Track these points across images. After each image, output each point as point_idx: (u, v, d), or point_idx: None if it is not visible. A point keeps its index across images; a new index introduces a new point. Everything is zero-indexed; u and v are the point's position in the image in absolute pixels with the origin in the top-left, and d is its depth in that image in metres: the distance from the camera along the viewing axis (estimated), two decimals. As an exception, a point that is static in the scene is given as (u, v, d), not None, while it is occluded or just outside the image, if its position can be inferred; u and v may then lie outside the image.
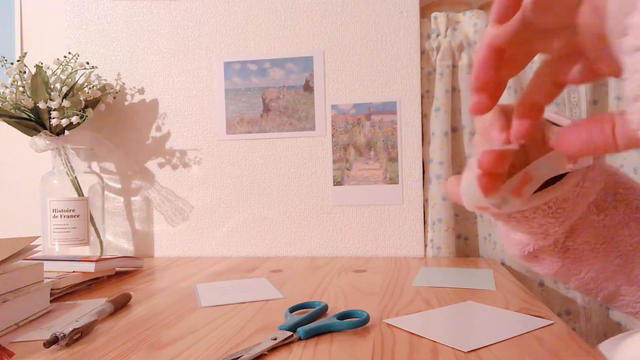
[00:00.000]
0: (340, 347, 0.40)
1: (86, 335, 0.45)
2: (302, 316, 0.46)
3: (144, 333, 0.46)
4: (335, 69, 0.92)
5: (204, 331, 0.46)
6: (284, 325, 0.43)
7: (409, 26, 0.90)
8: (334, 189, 0.92)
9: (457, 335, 0.42)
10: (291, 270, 0.76)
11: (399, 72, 0.90)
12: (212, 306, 0.55)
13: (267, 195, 0.94)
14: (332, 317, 0.46)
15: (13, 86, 0.83)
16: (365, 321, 0.45)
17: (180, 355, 0.39)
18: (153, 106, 0.98)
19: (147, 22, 0.98)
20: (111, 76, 0.98)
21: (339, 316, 0.46)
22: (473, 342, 0.40)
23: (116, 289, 0.66)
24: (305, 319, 0.45)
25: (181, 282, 0.70)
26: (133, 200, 0.98)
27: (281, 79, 0.93)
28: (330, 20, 0.92)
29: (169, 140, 0.97)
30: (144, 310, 0.54)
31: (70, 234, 0.84)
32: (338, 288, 0.62)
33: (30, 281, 0.51)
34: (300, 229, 0.93)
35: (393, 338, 0.42)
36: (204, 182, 0.96)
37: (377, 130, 0.91)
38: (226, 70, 0.95)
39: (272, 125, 0.94)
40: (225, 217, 0.95)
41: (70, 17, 1.00)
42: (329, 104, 0.92)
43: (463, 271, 0.72)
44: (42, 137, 0.85)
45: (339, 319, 0.45)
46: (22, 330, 0.47)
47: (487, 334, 0.43)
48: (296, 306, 0.50)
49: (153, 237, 0.98)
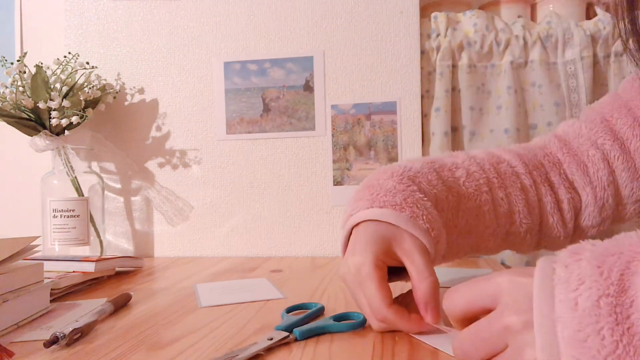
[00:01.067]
0: (340, 347, 0.40)
1: (86, 335, 0.45)
2: (299, 317, 0.46)
3: (144, 333, 0.46)
4: (335, 69, 0.92)
5: (204, 331, 0.46)
6: (280, 325, 0.43)
7: (409, 26, 0.90)
8: (334, 189, 0.92)
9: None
10: (291, 270, 0.76)
11: (399, 72, 0.90)
12: (212, 306, 0.55)
13: (267, 195, 0.94)
14: (328, 318, 0.46)
15: (13, 86, 0.83)
16: (362, 323, 0.44)
17: (180, 355, 0.39)
18: (153, 106, 0.98)
19: (147, 22, 0.98)
20: (111, 76, 0.98)
21: (336, 318, 0.46)
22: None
23: (116, 289, 0.66)
24: (302, 320, 0.45)
25: (181, 282, 0.70)
26: (133, 200, 0.98)
27: (281, 79, 0.93)
28: (330, 20, 0.92)
29: (169, 140, 0.97)
30: (144, 310, 0.54)
31: (70, 234, 0.84)
32: (338, 288, 0.62)
33: (30, 281, 0.51)
34: (300, 229, 0.93)
35: (393, 338, 0.42)
36: (204, 182, 0.96)
37: (377, 130, 0.91)
38: (226, 70, 0.95)
39: (272, 125, 0.94)
40: (225, 217, 0.95)
41: (70, 17, 1.00)
42: (329, 104, 0.92)
43: (463, 271, 0.72)
44: (42, 137, 0.85)
45: (336, 321, 0.45)
46: (22, 330, 0.47)
47: None
48: (293, 307, 0.50)
49: (153, 237, 0.98)
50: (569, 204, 0.54)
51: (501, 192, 0.52)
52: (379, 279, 0.41)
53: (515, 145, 0.59)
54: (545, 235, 0.55)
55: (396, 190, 0.46)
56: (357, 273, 0.42)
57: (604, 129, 0.55)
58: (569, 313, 0.24)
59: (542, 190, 0.54)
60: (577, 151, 0.56)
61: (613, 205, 0.55)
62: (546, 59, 0.88)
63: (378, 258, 0.42)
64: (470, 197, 0.51)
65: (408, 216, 0.43)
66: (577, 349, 0.23)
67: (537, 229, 0.54)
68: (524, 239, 0.54)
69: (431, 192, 0.48)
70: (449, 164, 0.53)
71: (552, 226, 0.54)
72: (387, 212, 0.44)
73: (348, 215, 0.47)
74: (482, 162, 0.53)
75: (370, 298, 0.41)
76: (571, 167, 0.55)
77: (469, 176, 0.51)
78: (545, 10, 0.93)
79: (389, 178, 0.48)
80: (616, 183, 0.54)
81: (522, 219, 0.52)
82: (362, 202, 0.46)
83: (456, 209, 0.50)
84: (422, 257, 0.42)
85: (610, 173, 0.54)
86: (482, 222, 0.51)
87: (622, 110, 0.55)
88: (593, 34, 0.87)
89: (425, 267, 0.41)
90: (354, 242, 0.44)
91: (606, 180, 0.54)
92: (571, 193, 0.55)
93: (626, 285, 0.24)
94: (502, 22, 0.90)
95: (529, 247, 0.56)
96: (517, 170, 0.54)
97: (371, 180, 0.49)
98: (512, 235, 0.53)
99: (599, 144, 0.55)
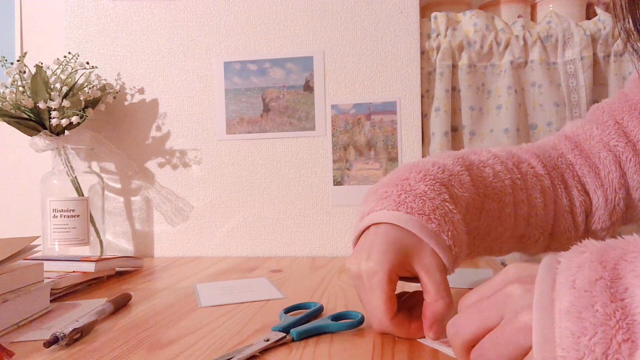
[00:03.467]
0: (340, 347, 0.40)
1: (86, 335, 0.45)
2: (297, 317, 0.45)
3: (144, 333, 0.46)
4: (335, 69, 0.92)
5: (204, 331, 0.46)
6: (277, 326, 0.43)
7: (409, 26, 0.90)
8: (334, 189, 0.92)
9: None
10: (291, 270, 0.76)
11: (399, 72, 0.90)
12: (212, 306, 0.55)
13: (267, 195, 0.94)
14: (326, 318, 0.45)
15: (13, 86, 0.83)
16: (359, 322, 0.44)
17: (180, 355, 0.39)
18: (153, 106, 0.98)
19: (147, 22, 0.98)
20: (111, 76, 0.98)
21: (333, 317, 0.46)
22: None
23: (116, 289, 0.66)
24: (300, 320, 0.45)
25: (181, 282, 0.70)
26: (133, 200, 0.98)
27: (281, 79, 0.93)
28: (330, 20, 0.92)
29: (169, 140, 0.97)
30: (144, 310, 0.54)
31: (70, 234, 0.84)
32: (338, 288, 0.62)
33: (30, 281, 0.51)
34: (300, 229, 0.93)
35: (393, 338, 0.42)
36: (204, 182, 0.96)
37: (377, 130, 0.91)
38: (226, 70, 0.95)
39: (272, 125, 0.94)
40: (225, 217, 0.95)
41: (70, 17, 1.00)
42: (329, 103, 0.92)
43: (463, 271, 0.72)
44: (42, 137, 0.85)
45: (333, 320, 0.45)
46: (22, 330, 0.47)
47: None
48: (291, 307, 0.50)
49: (153, 237, 0.98)
50: (580, 207, 0.54)
51: (523, 194, 0.51)
52: (388, 292, 0.40)
53: (527, 144, 0.58)
54: (557, 237, 0.54)
55: (427, 197, 0.43)
56: (368, 279, 0.41)
57: (617, 130, 0.54)
58: (566, 290, 0.26)
59: (559, 192, 0.53)
60: (588, 153, 0.55)
61: (623, 209, 0.54)
62: (546, 59, 0.88)
63: (393, 270, 0.40)
64: (495, 197, 0.49)
65: (434, 230, 0.42)
66: (571, 320, 0.24)
67: (549, 231, 0.54)
68: (537, 241, 0.53)
69: (463, 196, 0.46)
70: (477, 161, 0.51)
71: (565, 229, 0.54)
72: (414, 221, 0.42)
73: (370, 209, 0.45)
74: (505, 161, 0.52)
75: (376, 308, 0.41)
76: (583, 169, 0.55)
77: (495, 176, 0.50)
78: (545, 10, 0.93)
79: (421, 180, 0.45)
80: (627, 186, 0.54)
81: (538, 221, 0.52)
82: (389, 201, 0.44)
83: (480, 210, 0.49)
84: (441, 275, 0.41)
85: (621, 176, 0.54)
86: (501, 224, 0.50)
87: (632, 112, 0.54)
88: (593, 34, 0.87)
89: (443, 287, 0.40)
90: (372, 244, 0.42)
91: (617, 183, 0.53)
92: (583, 195, 0.54)
93: (621, 273, 0.25)
94: (502, 22, 0.90)
95: (539, 248, 0.55)
96: (538, 172, 0.53)
97: (400, 177, 0.46)
98: (525, 238, 0.53)
99: (612, 145, 0.54)
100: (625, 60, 0.87)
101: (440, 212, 0.43)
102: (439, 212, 0.43)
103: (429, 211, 0.42)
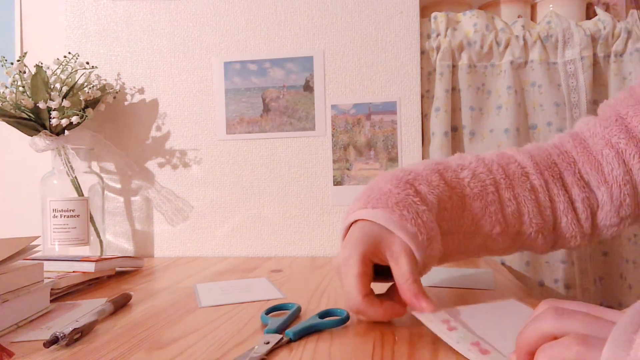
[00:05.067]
0: (340, 347, 0.40)
1: (86, 335, 0.45)
2: (283, 318, 0.46)
3: (144, 333, 0.46)
4: (335, 69, 0.92)
5: (204, 331, 0.46)
6: (270, 328, 0.43)
7: (409, 26, 0.90)
8: (334, 189, 0.92)
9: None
10: (291, 270, 0.76)
11: (399, 72, 0.90)
12: (212, 306, 0.55)
13: (267, 195, 0.94)
14: (314, 316, 0.47)
15: (13, 86, 0.83)
16: (346, 319, 0.46)
17: (180, 355, 0.39)
18: (153, 106, 0.98)
19: (147, 22, 0.98)
20: (111, 76, 0.98)
21: (321, 315, 0.47)
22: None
23: (116, 289, 0.66)
24: (286, 321, 0.46)
25: (181, 282, 0.70)
26: (133, 200, 0.98)
27: (281, 79, 0.93)
28: (330, 20, 0.92)
29: (169, 140, 0.97)
30: (144, 310, 0.54)
31: (70, 234, 0.84)
32: (338, 288, 0.62)
33: (30, 281, 0.51)
34: (300, 229, 0.93)
35: (393, 338, 0.42)
36: (204, 182, 0.96)
37: (377, 130, 0.91)
38: (226, 70, 0.95)
39: (272, 125, 0.94)
40: (225, 217, 0.95)
41: (70, 17, 1.00)
42: (329, 103, 0.92)
43: (463, 271, 0.72)
44: (42, 137, 0.85)
45: (321, 318, 0.46)
46: (22, 330, 0.47)
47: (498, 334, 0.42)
48: (270, 308, 0.50)
49: (153, 237, 0.98)
50: (583, 204, 0.54)
51: (508, 193, 0.52)
52: (360, 271, 0.43)
53: (530, 144, 0.59)
54: (560, 235, 0.55)
55: (391, 194, 0.48)
56: (344, 264, 0.45)
57: (619, 127, 0.54)
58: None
59: (555, 190, 0.54)
60: (591, 150, 0.55)
61: (632, 205, 0.54)
62: (546, 58, 0.88)
63: (365, 255, 0.44)
64: (476, 197, 0.51)
65: (396, 219, 0.45)
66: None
67: (550, 228, 0.54)
68: (536, 239, 0.54)
69: (432, 193, 0.49)
70: (455, 165, 0.53)
71: (567, 226, 0.54)
72: (378, 213, 0.46)
73: (347, 213, 0.50)
74: (490, 163, 0.54)
75: (348, 287, 0.44)
76: (585, 166, 0.55)
77: (475, 177, 0.52)
78: (545, 10, 0.93)
79: (388, 182, 0.50)
80: (634, 182, 0.54)
81: (532, 219, 0.53)
82: (360, 202, 0.49)
83: (461, 208, 0.51)
84: (408, 260, 0.44)
85: (626, 172, 0.53)
86: (488, 222, 0.52)
87: (637, 107, 0.54)
88: (593, 34, 0.87)
89: (409, 270, 0.43)
90: (348, 238, 0.47)
91: (622, 179, 0.53)
92: (586, 192, 0.54)
93: None
94: (502, 22, 0.90)
95: (543, 247, 0.56)
96: (527, 171, 0.54)
97: (373, 183, 0.52)
98: (522, 236, 0.54)
99: (613, 142, 0.54)
100: (625, 60, 0.87)
101: (404, 204, 0.47)
102: (402, 204, 0.47)
103: (392, 204, 0.47)
